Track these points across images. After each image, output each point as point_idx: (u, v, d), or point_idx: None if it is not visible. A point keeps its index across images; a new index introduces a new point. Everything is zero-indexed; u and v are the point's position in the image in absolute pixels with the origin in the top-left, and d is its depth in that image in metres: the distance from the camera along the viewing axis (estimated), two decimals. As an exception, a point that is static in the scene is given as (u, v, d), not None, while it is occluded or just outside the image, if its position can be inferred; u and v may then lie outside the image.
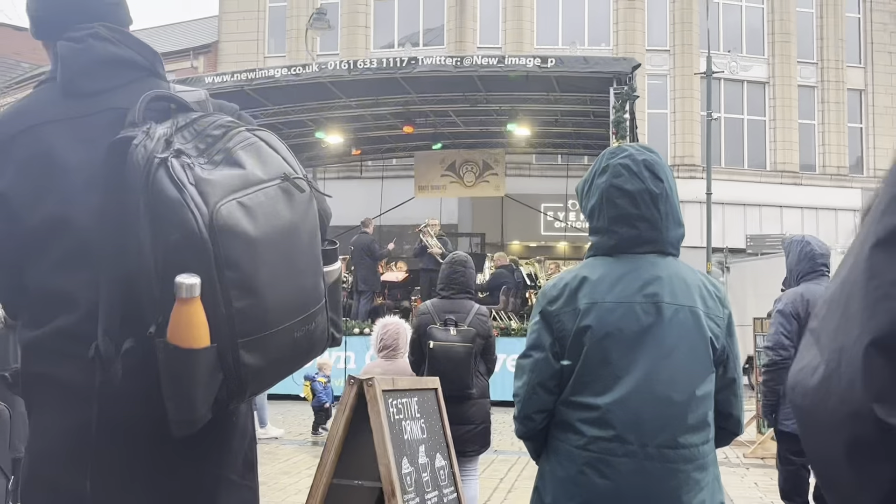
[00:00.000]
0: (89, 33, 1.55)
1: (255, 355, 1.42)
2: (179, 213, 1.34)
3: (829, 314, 0.75)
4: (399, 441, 2.95)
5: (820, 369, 0.72)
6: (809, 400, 0.73)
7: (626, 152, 2.26)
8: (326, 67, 13.44)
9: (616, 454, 2.05)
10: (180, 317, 1.34)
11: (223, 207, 1.36)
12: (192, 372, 1.36)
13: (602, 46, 23.16)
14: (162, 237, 1.35)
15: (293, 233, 1.46)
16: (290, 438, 9.45)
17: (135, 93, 1.54)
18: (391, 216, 20.58)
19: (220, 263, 1.35)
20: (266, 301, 1.41)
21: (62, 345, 1.45)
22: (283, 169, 1.48)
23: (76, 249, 1.46)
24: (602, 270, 2.20)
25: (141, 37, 1.64)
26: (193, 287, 1.32)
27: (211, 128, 1.48)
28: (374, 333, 4.97)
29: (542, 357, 2.18)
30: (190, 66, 24.99)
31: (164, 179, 1.35)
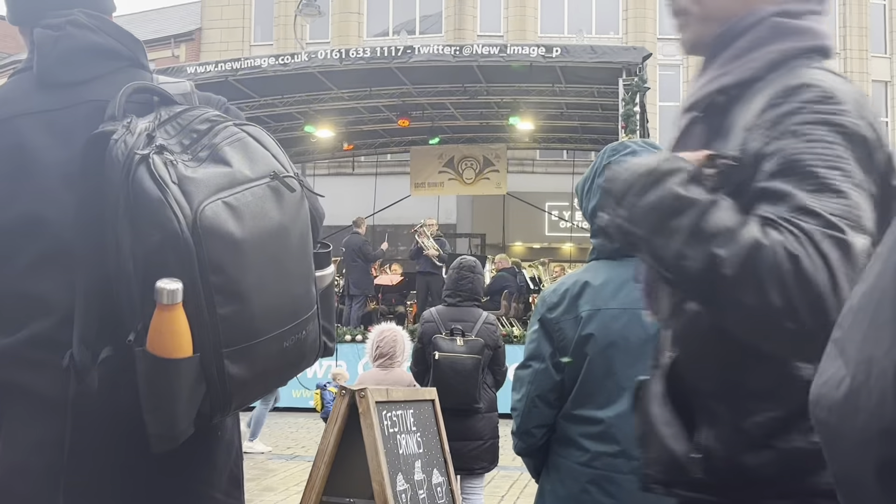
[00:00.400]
0: (67, 20, 1.54)
1: (241, 366, 1.40)
2: (161, 214, 1.32)
3: (854, 324, 0.74)
4: (394, 456, 2.95)
5: (846, 382, 0.72)
6: (836, 415, 0.73)
7: (628, 149, 2.27)
8: (316, 57, 13.44)
9: (621, 471, 2.05)
10: (161, 324, 1.32)
11: (208, 208, 1.35)
12: (173, 383, 1.34)
13: (611, 35, 23.19)
14: (142, 239, 1.34)
15: (282, 235, 1.44)
16: (277, 452, 9.44)
17: (115, 84, 1.53)
18: (385, 215, 20.59)
19: (204, 267, 1.34)
20: (253, 308, 1.39)
21: (35, 352, 1.44)
22: (273, 167, 1.47)
23: (51, 250, 1.45)
24: (605, 275, 2.20)
25: (120, 24, 1.64)
26: (175, 293, 1.31)
27: (196, 122, 1.47)
28: (369, 341, 4.96)
29: (542, 368, 2.18)
30: (171, 54, 24.99)
31: (145, 177, 1.34)
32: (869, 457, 0.69)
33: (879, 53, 24.86)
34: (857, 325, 0.74)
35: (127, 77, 1.57)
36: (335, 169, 22.44)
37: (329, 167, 22.24)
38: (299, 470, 8.27)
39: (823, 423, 0.75)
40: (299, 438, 10.49)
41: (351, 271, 14.07)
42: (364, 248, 14.09)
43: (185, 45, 25.15)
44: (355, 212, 15.98)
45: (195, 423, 1.42)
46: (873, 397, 0.68)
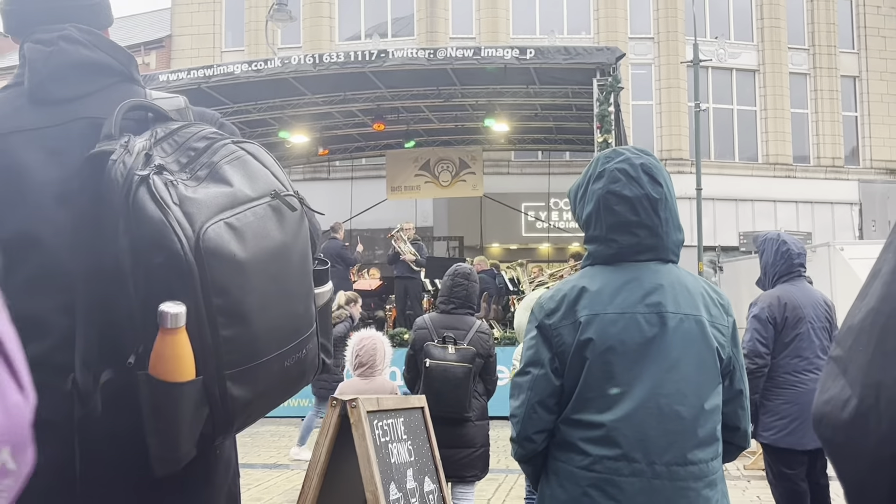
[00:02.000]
0: (59, 35, 1.52)
1: (244, 387, 1.39)
2: (163, 236, 1.31)
3: (856, 345, 0.76)
4: (386, 465, 2.95)
5: (852, 403, 0.74)
6: (842, 435, 0.75)
7: (622, 156, 2.28)
8: (289, 62, 13.39)
9: (623, 474, 2.07)
10: (164, 348, 1.31)
11: (210, 229, 1.34)
12: (177, 407, 1.33)
13: (582, 35, 23.31)
14: (144, 261, 1.32)
15: (284, 254, 1.44)
16: (262, 462, 9.39)
17: (109, 100, 1.51)
18: (362, 219, 20.56)
19: (207, 289, 1.33)
20: (255, 329, 1.38)
21: (33, 375, 1.42)
22: (273, 185, 1.46)
23: (47, 271, 1.42)
24: (602, 280, 2.21)
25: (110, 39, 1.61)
26: (179, 316, 1.30)
27: (193, 140, 1.45)
28: (349, 349, 4.87)
29: (542, 374, 2.18)
30: (141, 62, 24.77)
31: (146, 199, 1.33)
32: (882, 477, 0.71)
33: (847, 49, 25.18)
34: (859, 346, 0.75)
35: (120, 92, 1.55)
36: (311, 174, 22.37)
37: (304, 172, 22.17)
38: (284, 479, 8.23)
39: (829, 441, 0.77)
40: (282, 447, 10.44)
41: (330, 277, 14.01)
42: (343, 253, 14.05)
43: (155, 52, 24.96)
44: (332, 217, 15.92)
45: (198, 445, 1.41)
46: (884, 422, 0.71)
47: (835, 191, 24.02)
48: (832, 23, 24.79)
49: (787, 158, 24.17)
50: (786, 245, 4.97)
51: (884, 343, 0.73)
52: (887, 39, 25.26)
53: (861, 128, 25.14)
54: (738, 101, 24.46)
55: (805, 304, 4.89)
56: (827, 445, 0.79)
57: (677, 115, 23.48)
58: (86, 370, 1.39)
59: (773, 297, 4.90)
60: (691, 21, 21.15)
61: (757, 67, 24.41)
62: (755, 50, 24.46)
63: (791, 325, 4.84)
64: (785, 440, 4.80)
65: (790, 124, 24.32)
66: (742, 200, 23.51)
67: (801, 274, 5.00)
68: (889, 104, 25.02)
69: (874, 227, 23.81)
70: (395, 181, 20.29)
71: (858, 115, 25.18)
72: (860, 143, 25.06)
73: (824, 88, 24.59)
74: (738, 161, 24.21)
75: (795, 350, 4.84)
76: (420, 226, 18.99)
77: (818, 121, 24.57)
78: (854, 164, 24.78)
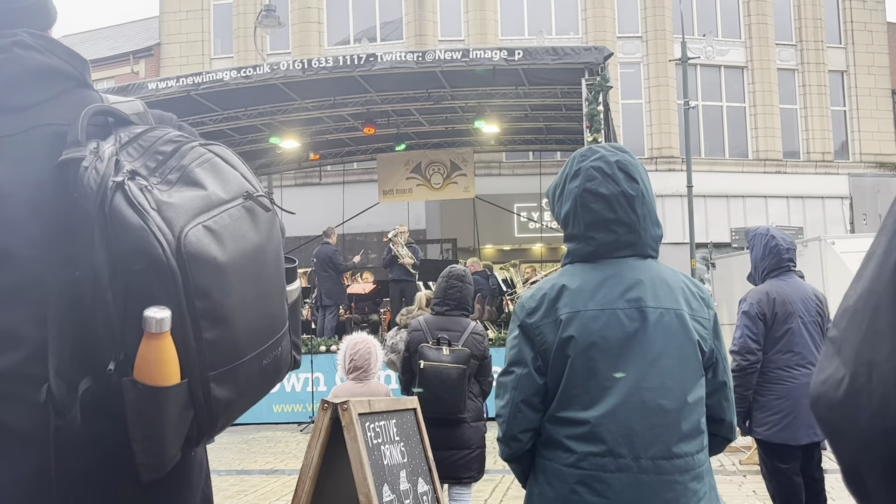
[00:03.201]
0: (13, 41, 1.48)
1: (226, 388, 1.39)
2: (143, 242, 1.30)
3: (850, 325, 0.77)
4: (378, 467, 2.94)
5: (845, 382, 0.75)
6: (837, 414, 0.76)
7: (597, 154, 2.29)
8: (279, 68, 13.39)
9: (609, 469, 2.07)
10: (150, 353, 1.30)
11: (190, 233, 1.33)
12: (163, 412, 1.33)
13: (570, 35, 23.35)
14: (123, 268, 1.31)
15: (260, 255, 1.43)
16: (257, 467, 9.37)
17: (65, 105, 1.49)
18: (355, 223, 20.55)
19: (190, 293, 1.32)
20: (236, 330, 1.38)
21: (6, 387, 1.40)
22: (244, 186, 1.45)
23: (17, 282, 1.39)
24: (581, 278, 2.22)
25: (75, 41, 1.58)
26: (163, 321, 1.29)
27: (159, 143, 1.43)
28: (341, 353, 4.86)
29: (525, 373, 2.19)
30: (130, 70, 24.76)
31: (123, 205, 1.31)
32: (874, 454, 0.72)
33: (835, 44, 25.28)
34: (853, 326, 0.76)
35: (77, 98, 1.52)
36: (302, 179, 22.36)
37: (296, 178, 22.16)
38: (280, 484, 8.22)
39: (825, 421, 0.78)
40: (278, 453, 10.42)
41: (323, 281, 14.01)
42: (335, 259, 14.03)
43: (144, 60, 24.93)
44: (324, 222, 15.92)
45: (182, 448, 1.41)
46: (875, 399, 0.72)
47: (825, 185, 24.10)
48: (819, 18, 24.89)
49: (777, 154, 24.25)
50: (774, 240, 4.97)
51: (875, 321, 0.74)
52: (874, 34, 25.37)
53: (850, 122, 25.24)
54: (728, 97, 24.53)
55: (795, 299, 4.89)
56: (823, 425, 0.80)
57: (667, 113, 23.54)
58: (60, 380, 1.37)
59: (762, 293, 4.91)
60: (679, 19, 21.21)
61: (745, 64, 24.49)
62: (743, 47, 24.54)
63: (781, 320, 4.84)
64: (779, 435, 4.81)
65: (779, 120, 24.41)
66: (733, 197, 23.57)
67: (790, 268, 5.00)
68: (877, 98, 25.13)
69: (865, 221, 23.89)
70: (387, 185, 20.28)
71: (847, 109, 25.27)
72: (849, 138, 25.15)
73: (812, 84, 24.68)
74: (729, 158, 24.28)
75: (787, 345, 4.85)
76: (413, 229, 18.97)
77: (807, 116, 24.66)
78: (844, 159, 24.87)
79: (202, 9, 24.44)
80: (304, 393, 12.72)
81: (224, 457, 9.94)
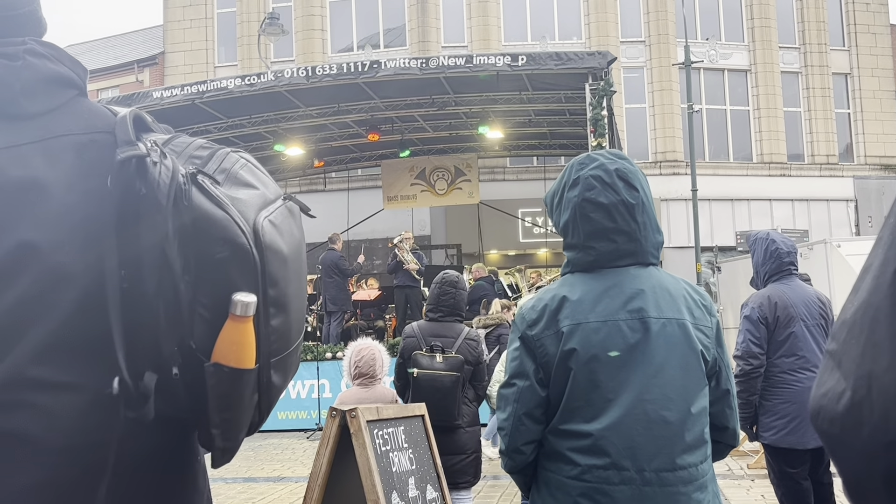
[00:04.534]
0: (24, 49, 1.50)
1: (281, 374, 1.47)
2: (228, 230, 1.36)
3: (850, 338, 0.78)
4: (387, 474, 2.95)
5: (846, 395, 0.75)
6: (838, 427, 0.76)
7: (596, 162, 2.26)
8: (283, 75, 13.42)
9: (613, 482, 2.06)
10: (234, 335, 1.36)
11: (264, 223, 1.41)
12: (241, 395, 1.39)
13: (574, 40, 23.37)
14: (201, 257, 1.36)
15: (302, 251, 1.53)
16: (264, 475, 9.37)
17: (74, 114, 1.50)
18: (359, 230, 20.57)
19: (266, 281, 1.39)
20: (291, 318, 1.47)
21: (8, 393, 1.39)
22: (279, 189, 1.53)
23: (44, 281, 1.39)
24: (582, 288, 2.20)
25: (80, 51, 1.59)
26: (250, 305, 1.36)
27: (191, 149, 1.49)
28: (346, 359, 4.86)
29: (527, 385, 2.17)
30: (135, 79, 24.85)
31: (201, 197, 1.37)
32: (877, 467, 0.73)
33: (838, 46, 25.27)
34: (852, 339, 0.77)
35: (82, 107, 1.54)
36: (307, 186, 22.40)
37: (300, 185, 22.20)
38: (287, 492, 8.22)
39: (826, 434, 0.79)
40: (285, 460, 10.42)
41: (328, 288, 14.02)
42: (340, 264, 14.05)
43: (148, 69, 25.01)
44: (329, 228, 15.94)
45: (246, 433, 1.48)
46: (876, 412, 0.72)
47: (830, 188, 24.06)
48: (822, 21, 24.88)
49: (781, 157, 24.22)
50: (775, 244, 4.97)
51: (874, 333, 0.75)
52: (877, 36, 25.35)
53: (854, 124, 25.21)
54: (731, 101, 24.52)
55: (797, 303, 4.88)
56: (825, 439, 0.81)
57: (671, 117, 23.53)
58: (129, 373, 1.39)
59: (763, 297, 4.90)
60: (682, 23, 21.22)
61: (748, 67, 24.48)
62: (746, 50, 24.53)
63: (783, 323, 4.83)
64: (786, 440, 4.80)
65: (783, 123, 24.39)
66: (738, 200, 23.55)
67: (791, 272, 5.00)
68: (881, 100, 25.10)
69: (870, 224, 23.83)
70: (391, 191, 20.30)
71: (851, 111, 25.25)
72: (854, 140, 25.12)
73: (816, 86, 24.66)
74: (733, 161, 24.26)
75: (790, 349, 4.84)
76: (417, 234, 19.00)
77: (811, 119, 24.64)
78: (848, 161, 24.84)
79: (206, 17, 24.52)
80: (310, 400, 12.72)
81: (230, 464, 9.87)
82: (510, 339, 2.29)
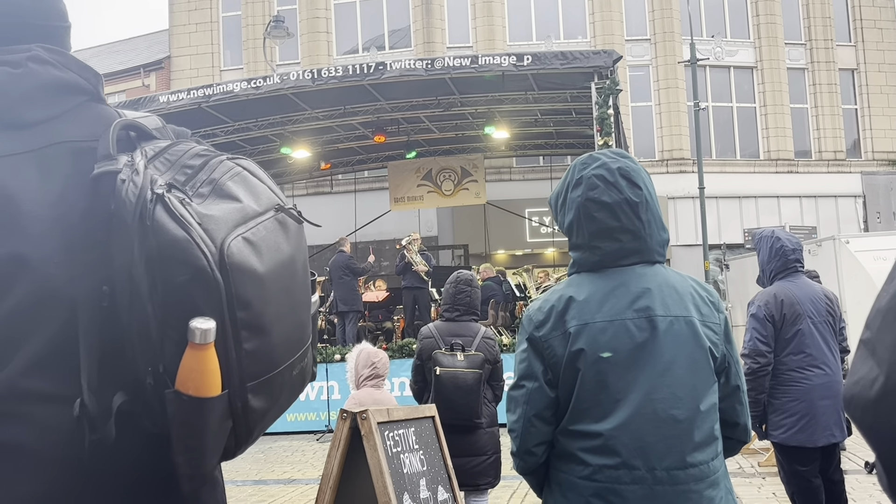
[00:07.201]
0: (27, 56, 1.49)
1: (262, 398, 1.41)
2: (188, 253, 1.31)
3: (884, 325, 0.77)
4: (398, 476, 2.96)
5: (879, 381, 0.75)
6: (871, 414, 0.76)
7: (598, 162, 2.27)
8: (288, 78, 13.45)
9: (624, 482, 2.07)
10: (194, 363, 1.31)
11: (233, 244, 1.34)
12: (206, 423, 1.34)
13: (579, 39, 23.35)
14: (164, 279, 1.32)
15: (291, 266, 1.45)
16: (274, 477, 9.40)
17: (80, 120, 1.49)
18: (366, 231, 20.60)
19: (232, 304, 1.33)
20: (273, 340, 1.40)
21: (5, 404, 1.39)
22: (274, 199, 1.47)
23: (33, 294, 1.39)
24: (589, 288, 2.21)
25: (86, 56, 1.57)
26: (208, 332, 1.30)
27: (186, 157, 1.44)
28: (357, 360, 4.89)
29: (536, 387, 2.18)
30: (141, 84, 24.92)
31: (165, 217, 1.32)
32: None
33: (844, 42, 25.18)
34: (886, 326, 0.77)
35: (91, 112, 1.53)
36: (313, 189, 22.43)
37: (307, 187, 22.23)
38: (298, 494, 8.24)
39: (860, 422, 0.79)
40: (295, 462, 10.45)
41: (338, 288, 14.04)
42: (351, 264, 14.09)
43: (155, 73, 25.08)
44: (336, 230, 15.96)
45: (220, 459, 1.42)
46: None
47: (838, 184, 23.99)
48: (828, 17, 24.80)
49: (788, 154, 24.16)
50: (780, 242, 4.96)
51: None
52: (884, 31, 25.26)
53: (861, 120, 25.11)
54: (738, 98, 24.47)
55: (803, 300, 4.87)
56: (859, 426, 0.81)
57: (677, 115, 23.49)
58: (92, 395, 1.37)
59: (769, 295, 4.90)
60: (687, 21, 21.18)
61: (754, 64, 24.43)
62: (752, 47, 24.47)
63: (790, 321, 4.83)
64: (795, 438, 4.79)
65: (790, 119, 24.32)
66: (745, 197, 23.49)
67: (797, 269, 4.99)
68: (888, 95, 25.01)
69: (879, 219, 23.76)
70: (398, 192, 20.32)
71: (858, 107, 25.16)
72: (861, 136, 25.03)
73: (823, 82, 24.59)
74: (740, 158, 24.21)
75: (798, 346, 4.83)
76: (424, 235, 18.99)
77: (818, 115, 24.56)
78: (856, 157, 24.75)
79: (211, 21, 24.58)
80: (319, 402, 12.74)
81: (241, 467, 9.97)
82: (518, 340, 2.29)
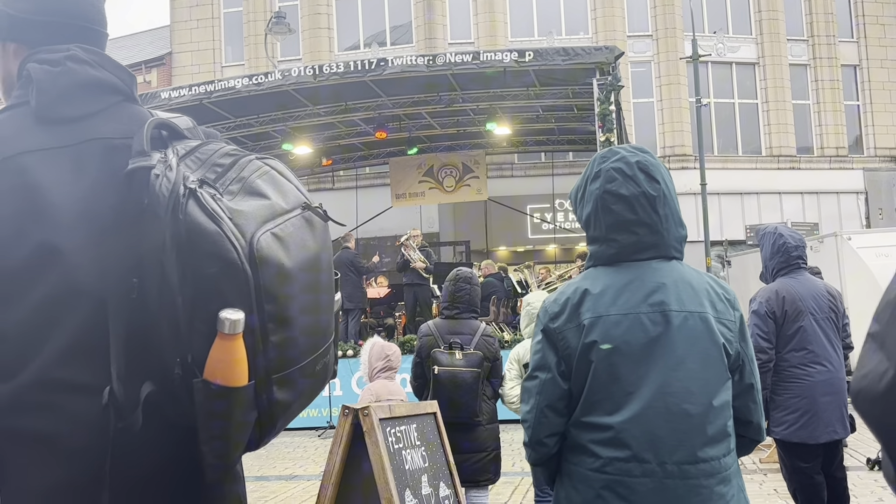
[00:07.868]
0: (66, 55, 1.55)
1: (286, 391, 1.45)
2: (218, 246, 1.35)
3: (893, 318, 0.77)
4: (400, 472, 2.96)
5: (888, 374, 0.75)
6: (879, 408, 0.76)
7: (617, 155, 2.28)
8: (290, 74, 13.43)
9: (634, 475, 2.07)
10: (223, 353, 1.35)
11: (262, 238, 1.39)
12: (233, 412, 1.38)
13: (581, 35, 23.32)
14: (194, 271, 1.36)
15: (317, 263, 1.50)
16: (276, 473, 9.41)
17: (115, 119, 1.54)
18: (368, 228, 20.59)
19: (260, 296, 1.38)
20: (298, 334, 1.44)
21: (38, 395, 1.42)
22: (300, 198, 1.51)
23: (64, 285, 1.43)
24: (604, 281, 2.22)
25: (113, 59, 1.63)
26: (238, 323, 1.35)
27: (216, 156, 1.49)
28: (371, 353, 4.92)
29: (549, 378, 2.19)
30: (143, 80, 24.89)
31: (196, 210, 1.37)
32: None
33: (847, 38, 25.13)
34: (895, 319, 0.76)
35: (126, 112, 1.58)
36: (315, 185, 22.41)
37: (309, 183, 22.20)
38: (299, 490, 8.25)
39: (868, 415, 0.78)
40: (297, 458, 10.46)
41: (343, 285, 14.02)
42: (356, 262, 14.09)
43: (156, 70, 25.06)
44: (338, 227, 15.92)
45: (244, 450, 1.46)
46: None
47: (840, 180, 23.96)
48: (830, 12, 24.75)
49: (790, 150, 24.12)
50: (782, 238, 4.96)
51: None
52: (886, 27, 25.20)
53: (864, 116, 25.08)
54: (739, 94, 24.44)
55: (805, 296, 4.87)
56: (866, 419, 0.80)
57: (679, 111, 23.46)
58: (120, 383, 1.41)
59: (771, 292, 4.90)
60: (689, 17, 21.14)
61: (757, 60, 24.39)
62: (754, 43, 24.44)
63: (792, 318, 4.82)
64: (797, 434, 4.78)
65: (792, 116, 24.29)
66: (747, 194, 23.46)
67: (800, 266, 4.98)
68: (891, 92, 24.96)
69: (881, 216, 23.73)
70: (400, 188, 20.32)
71: (860, 103, 25.12)
72: (863, 132, 24.99)
73: (825, 78, 24.54)
74: (742, 154, 24.18)
75: (800, 343, 4.83)
76: (426, 232, 19.00)
77: (820, 111, 24.53)
78: (858, 153, 24.72)
79: (212, 17, 24.56)
80: (321, 398, 12.72)
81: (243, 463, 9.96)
82: (534, 331, 2.31)
